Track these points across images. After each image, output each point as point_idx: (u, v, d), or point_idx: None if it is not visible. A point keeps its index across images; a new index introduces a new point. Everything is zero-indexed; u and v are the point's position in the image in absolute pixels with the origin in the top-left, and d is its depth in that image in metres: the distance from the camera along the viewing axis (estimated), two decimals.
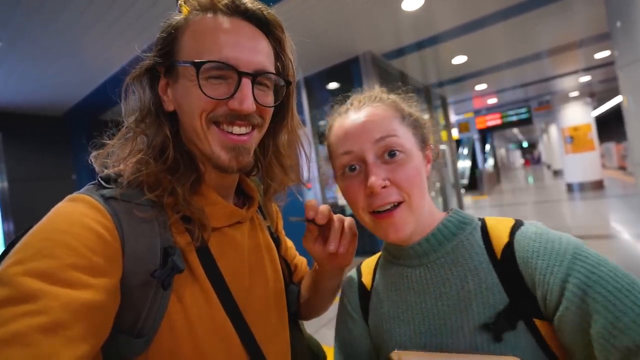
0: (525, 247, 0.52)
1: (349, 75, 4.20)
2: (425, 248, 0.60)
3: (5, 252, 0.43)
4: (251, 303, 0.59)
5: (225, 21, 0.54)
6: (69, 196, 0.49)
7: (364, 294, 0.69)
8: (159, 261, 0.48)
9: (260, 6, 0.57)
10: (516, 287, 0.51)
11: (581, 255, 0.47)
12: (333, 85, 4.57)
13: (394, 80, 4.73)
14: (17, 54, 2.93)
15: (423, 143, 0.62)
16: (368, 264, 0.73)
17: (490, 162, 16.16)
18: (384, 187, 0.55)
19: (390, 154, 0.56)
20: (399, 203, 0.56)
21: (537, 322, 0.49)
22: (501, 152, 24.77)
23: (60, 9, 2.38)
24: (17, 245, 0.42)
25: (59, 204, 0.47)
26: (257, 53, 0.55)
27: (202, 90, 0.52)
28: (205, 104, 0.53)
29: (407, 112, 0.62)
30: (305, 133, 0.73)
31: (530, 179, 16.56)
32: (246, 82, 0.53)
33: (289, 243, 0.82)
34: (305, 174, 0.75)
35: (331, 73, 4.37)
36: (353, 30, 3.44)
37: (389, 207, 0.56)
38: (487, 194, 11.88)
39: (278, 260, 0.71)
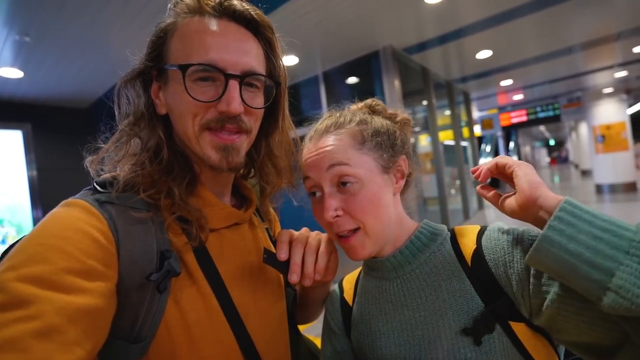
0: (493, 248, 0.55)
1: (368, 70, 4.10)
2: (400, 260, 0.61)
3: (0, 259, 0.42)
4: (251, 306, 0.57)
5: (212, 23, 0.53)
6: (64, 201, 0.48)
7: (346, 309, 0.69)
8: (155, 264, 0.48)
9: (248, 7, 0.56)
10: (490, 290, 0.53)
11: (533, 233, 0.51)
12: (352, 80, 4.49)
13: (415, 75, 4.61)
14: (43, 48, 3.02)
15: (391, 161, 0.61)
16: (349, 280, 0.74)
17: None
18: (338, 216, 0.57)
19: (342, 184, 0.57)
20: (356, 229, 0.58)
21: (513, 324, 0.51)
22: (526, 150, 23.90)
23: (83, 3, 2.43)
24: (11, 251, 0.41)
25: (54, 210, 0.47)
26: (245, 54, 0.54)
27: (189, 93, 0.51)
28: (194, 107, 0.53)
29: (372, 132, 0.60)
30: (297, 135, 0.71)
31: (557, 179, 15.94)
32: (233, 84, 0.52)
33: None
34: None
35: (350, 68, 4.27)
36: (373, 23, 3.35)
37: (346, 232, 0.58)
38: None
39: None
